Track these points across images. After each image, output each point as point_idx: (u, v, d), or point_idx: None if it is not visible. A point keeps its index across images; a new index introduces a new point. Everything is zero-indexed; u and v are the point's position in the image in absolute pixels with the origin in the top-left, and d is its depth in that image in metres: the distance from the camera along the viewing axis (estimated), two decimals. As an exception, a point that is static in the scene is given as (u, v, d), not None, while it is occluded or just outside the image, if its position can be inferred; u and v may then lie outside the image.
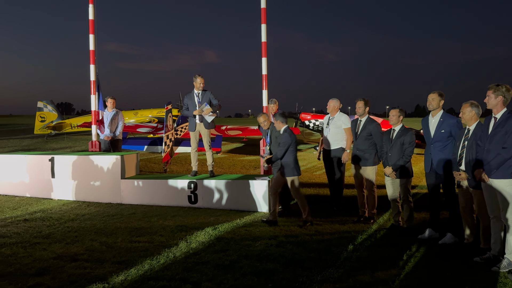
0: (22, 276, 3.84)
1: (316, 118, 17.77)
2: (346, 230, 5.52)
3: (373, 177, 5.97)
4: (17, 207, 6.79)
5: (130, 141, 13.13)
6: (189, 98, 7.26)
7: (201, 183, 6.89)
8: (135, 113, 23.00)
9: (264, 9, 7.85)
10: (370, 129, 5.93)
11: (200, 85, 7.12)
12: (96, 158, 7.38)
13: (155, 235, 5.20)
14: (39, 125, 20.83)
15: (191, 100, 7.21)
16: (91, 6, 8.71)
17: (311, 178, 9.94)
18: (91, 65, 8.80)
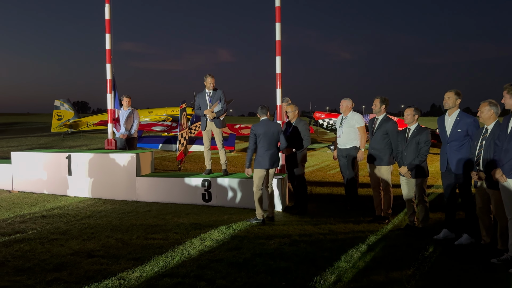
0: (40, 271, 3.93)
1: (330, 117, 17.68)
2: (360, 230, 5.49)
3: (388, 177, 5.92)
4: (35, 204, 6.93)
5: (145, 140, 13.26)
6: (200, 97, 7.31)
7: (215, 182, 6.93)
8: (150, 111, 23.22)
9: (278, 7, 7.83)
10: (387, 128, 5.87)
11: (210, 84, 7.17)
12: (112, 156, 7.48)
13: (170, 233, 5.25)
14: (56, 123, 21.17)
15: (203, 99, 7.26)
16: (107, 5, 8.80)
17: (325, 177, 9.91)
18: (107, 64, 8.90)
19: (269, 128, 5.94)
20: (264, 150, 5.91)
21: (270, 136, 5.91)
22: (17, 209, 6.50)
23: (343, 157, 6.63)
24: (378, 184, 6.02)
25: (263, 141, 5.91)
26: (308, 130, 6.58)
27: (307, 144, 6.51)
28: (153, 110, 23.58)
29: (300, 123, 6.55)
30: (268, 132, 5.91)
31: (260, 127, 5.93)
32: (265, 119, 6.05)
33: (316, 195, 7.70)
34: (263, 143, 5.91)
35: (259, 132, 5.91)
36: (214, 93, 7.23)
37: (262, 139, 5.91)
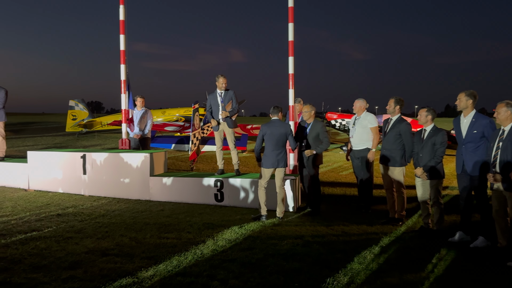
0: (56, 269, 3.98)
1: (343, 118, 17.60)
2: (374, 232, 5.45)
3: (401, 178, 5.86)
4: (51, 202, 7.03)
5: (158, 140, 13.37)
6: (212, 98, 7.34)
7: (227, 182, 6.95)
8: (163, 112, 23.39)
9: (291, 8, 7.83)
10: (400, 129, 5.81)
11: (222, 85, 7.20)
12: (126, 156, 7.56)
13: (183, 232, 5.28)
14: (70, 123, 21.46)
15: (214, 99, 7.29)
16: (122, 7, 8.89)
17: (338, 178, 9.86)
18: (122, 65, 8.99)
19: (277, 128, 6.02)
20: (270, 150, 6.02)
21: (277, 137, 5.99)
22: (33, 208, 6.60)
23: (356, 158, 6.59)
24: (391, 185, 5.97)
25: (270, 141, 6.02)
26: (326, 132, 6.53)
27: (327, 146, 6.46)
28: (166, 110, 23.75)
29: (318, 125, 6.50)
30: (275, 133, 5.99)
31: (268, 127, 6.05)
32: (275, 119, 6.13)
33: (328, 196, 7.68)
34: (269, 143, 6.03)
35: (266, 132, 6.03)
36: (226, 93, 7.25)
37: (268, 139, 6.02)
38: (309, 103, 6.69)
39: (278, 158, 6.02)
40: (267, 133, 6.03)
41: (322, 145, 6.39)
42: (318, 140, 6.40)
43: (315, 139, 6.41)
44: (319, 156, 6.56)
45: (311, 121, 6.55)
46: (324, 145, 6.41)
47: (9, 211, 6.31)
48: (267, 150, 6.04)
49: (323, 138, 6.40)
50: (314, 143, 6.40)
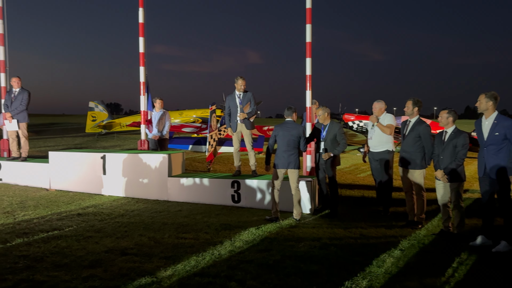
0: (76, 268, 4.06)
1: (360, 119, 17.43)
2: (393, 235, 5.38)
3: (422, 181, 5.78)
4: (71, 202, 7.17)
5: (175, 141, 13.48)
6: (230, 100, 7.38)
7: (244, 183, 6.96)
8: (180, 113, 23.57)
9: (309, 9, 7.81)
10: (419, 131, 5.72)
11: (241, 86, 7.23)
12: (144, 157, 7.65)
13: (200, 232, 5.31)
14: (90, 124, 21.81)
15: (233, 101, 7.32)
16: (141, 9, 9.01)
17: (355, 181, 9.77)
18: (141, 67, 9.10)
19: (289, 130, 6.07)
20: (282, 151, 6.06)
21: (288, 138, 6.03)
22: (54, 207, 6.74)
23: (374, 160, 6.52)
24: (411, 188, 5.89)
25: (281, 142, 6.07)
26: (343, 133, 6.47)
27: (344, 148, 6.40)
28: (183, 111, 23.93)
29: (335, 126, 6.44)
30: (287, 134, 6.04)
31: (280, 128, 6.11)
32: (289, 120, 6.19)
33: (346, 198, 7.61)
34: (281, 144, 6.08)
35: (278, 133, 6.08)
36: (244, 95, 7.28)
37: (280, 140, 6.07)
38: (322, 106, 6.65)
39: (289, 160, 6.04)
40: (279, 134, 6.08)
41: (339, 146, 6.34)
42: (336, 141, 6.36)
43: (333, 140, 6.36)
44: (337, 157, 6.51)
45: (327, 122, 6.51)
46: (341, 146, 6.36)
47: (31, 210, 6.46)
48: (279, 150, 6.08)
49: (340, 140, 6.35)
50: (332, 145, 6.36)
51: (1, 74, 9.62)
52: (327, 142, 6.38)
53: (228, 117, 7.44)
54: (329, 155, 6.33)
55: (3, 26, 9.59)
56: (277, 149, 6.13)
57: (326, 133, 6.43)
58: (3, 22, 9.59)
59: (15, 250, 4.54)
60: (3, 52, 9.58)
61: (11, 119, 8.81)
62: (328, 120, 6.52)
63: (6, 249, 4.56)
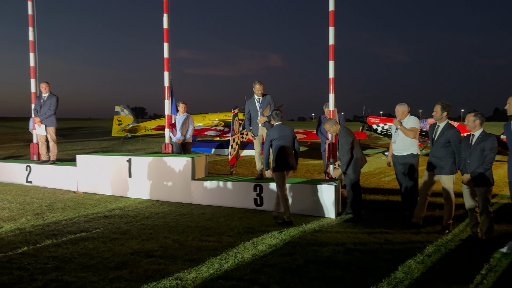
0: (103, 269, 4.15)
1: (385, 122, 17.17)
2: (418, 240, 5.27)
3: (451, 186, 5.64)
4: (98, 204, 7.33)
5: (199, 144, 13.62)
6: (250, 104, 7.44)
7: (267, 186, 6.97)
8: (203, 117, 23.77)
9: (332, 11, 7.77)
10: (449, 136, 5.59)
11: (259, 91, 7.29)
12: (168, 160, 7.76)
13: (224, 236, 5.35)
14: (116, 128, 22.23)
15: (253, 105, 7.39)
16: (165, 15, 9.17)
17: (380, 185, 9.63)
18: (165, 72, 9.25)
19: (283, 131, 6.17)
20: (283, 154, 6.12)
21: (285, 139, 6.14)
22: (82, 209, 6.91)
23: (399, 164, 6.41)
24: (427, 191, 5.84)
25: (279, 145, 6.13)
26: (344, 143, 6.31)
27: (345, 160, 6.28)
28: (206, 115, 24.12)
29: (340, 134, 6.43)
30: (283, 136, 6.14)
31: (275, 132, 6.17)
32: (279, 123, 6.29)
33: (370, 203, 7.51)
34: (281, 147, 6.14)
35: (274, 137, 6.14)
36: (264, 99, 7.34)
37: (278, 143, 6.14)
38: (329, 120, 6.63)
39: (291, 161, 6.15)
40: (276, 137, 6.12)
41: (341, 160, 6.33)
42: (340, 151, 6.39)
43: (341, 149, 6.38)
44: (356, 159, 6.42)
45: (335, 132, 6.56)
46: (342, 159, 6.32)
47: (60, 212, 6.64)
48: (280, 153, 6.10)
49: (341, 149, 6.34)
50: (340, 154, 6.38)
51: (31, 80, 9.95)
52: (339, 151, 6.40)
53: (248, 122, 7.48)
54: (339, 172, 6.48)
55: (33, 33, 9.92)
56: (277, 152, 6.12)
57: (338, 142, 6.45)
58: (33, 30, 9.93)
59: (45, 251, 4.68)
60: (33, 58, 9.91)
61: (40, 123, 9.09)
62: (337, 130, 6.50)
63: (36, 250, 4.70)
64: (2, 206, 7.04)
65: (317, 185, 6.63)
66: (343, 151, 6.29)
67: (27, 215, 6.40)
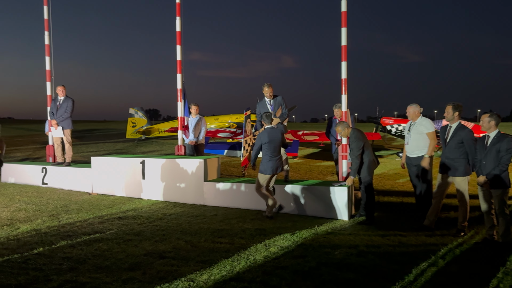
0: (117, 270, 4.19)
1: (399, 123, 17.01)
2: (433, 243, 5.20)
3: (465, 188, 5.56)
4: (112, 206, 7.41)
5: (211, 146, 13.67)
6: (261, 106, 7.46)
7: (278, 188, 6.95)
8: (216, 118, 23.88)
9: (344, 12, 7.73)
10: (462, 136, 5.51)
11: (268, 94, 7.31)
12: (181, 162, 7.81)
13: (236, 237, 5.35)
14: (130, 130, 22.48)
15: (264, 107, 7.41)
16: (178, 18, 9.23)
17: (394, 186, 9.53)
18: (178, 74, 9.31)
19: (273, 135, 6.42)
20: (269, 158, 6.43)
21: (274, 143, 6.42)
22: (96, 211, 7.00)
23: (413, 166, 6.34)
24: (442, 194, 5.76)
25: (268, 148, 6.41)
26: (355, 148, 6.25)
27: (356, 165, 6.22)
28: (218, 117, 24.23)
29: (351, 138, 6.39)
30: (272, 140, 6.41)
31: (265, 136, 6.41)
32: (269, 127, 6.53)
33: (384, 205, 7.44)
34: (267, 151, 6.42)
35: (264, 141, 6.41)
36: (274, 100, 7.34)
37: (267, 147, 6.41)
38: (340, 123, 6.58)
39: (277, 164, 6.45)
40: (266, 142, 6.39)
41: (352, 165, 6.29)
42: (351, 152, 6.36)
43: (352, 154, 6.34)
44: (369, 161, 6.37)
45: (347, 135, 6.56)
46: (353, 164, 6.27)
47: (74, 214, 6.73)
48: (266, 157, 6.43)
49: (351, 149, 6.29)
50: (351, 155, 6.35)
51: (47, 83, 10.11)
52: (351, 153, 6.37)
53: (260, 123, 7.48)
54: (351, 181, 6.44)
55: (49, 37, 10.09)
56: (263, 155, 6.46)
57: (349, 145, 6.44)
58: (49, 34, 10.10)
59: (60, 252, 4.75)
60: (49, 62, 10.08)
61: (57, 126, 9.23)
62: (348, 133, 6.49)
63: (52, 251, 4.78)
64: (19, 207, 7.17)
65: (329, 187, 6.59)
66: (353, 156, 6.26)
67: (42, 216, 6.50)
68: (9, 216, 6.54)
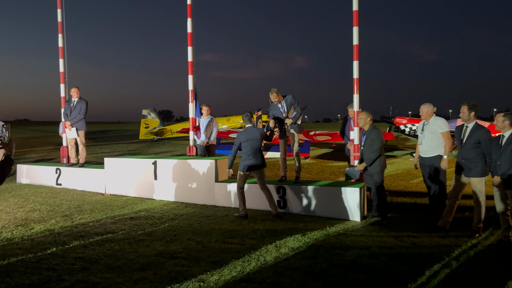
0: (128, 270, 4.21)
1: (413, 123, 16.82)
2: (447, 244, 5.12)
3: (482, 189, 5.45)
4: (124, 206, 7.47)
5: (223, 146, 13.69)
6: (274, 109, 7.44)
7: (290, 189, 6.92)
8: (228, 119, 23.93)
9: (356, 11, 7.67)
10: (479, 136, 5.39)
11: (276, 100, 7.29)
12: (193, 162, 7.83)
13: (246, 238, 5.34)
14: (143, 131, 22.68)
15: (276, 110, 7.37)
16: (189, 20, 9.27)
17: (407, 187, 9.42)
18: (189, 75, 9.35)
19: (252, 135, 6.57)
20: (246, 156, 6.58)
21: (253, 142, 6.54)
22: (109, 211, 7.06)
23: (426, 166, 6.25)
24: (458, 196, 5.66)
25: (246, 147, 6.56)
26: (378, 139, 6.21)
27: (374, 156, 6.18)
28: (230, 117, 24.27)
29: (372, 132, 6.30)
30: (251, 139, 6.54)
31: (244, 135, 6.59)
32: (249, 126, 6.71)
33: (397, 205, 7.35)
34: (246, 149, 6.57)
35: (243, 139, 6.58)
36: (285, 100, 7.30)
37: (245, 145, 6.56)
38: (366, 110, 6.47)
39: (257, 162, 6.56)
40: (244, 140, 6.55)
41: (371, 155, 6.20)
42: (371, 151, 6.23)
43: (367, 148, 6.23)
44: (382, 160, 6.29)
45: (367, 128, 6.34)
46: (372, 155, 6.20)
47: (87, 214, 6.80)
48: (244, 156, 6.60)
49: (372, 147, 6.19)
50: (368, 151, 6.22)
51: (61, 85, 10.25)
52: (365, 148, 6.25)
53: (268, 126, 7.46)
54: (363, 166, 6.31)
55: (63, 39, 10.23)
56: (242, 154, 6.61)
57: (365, 139, 6.29)
58: (63, 36, 10.23)
59: (72, 252, 4.80)
60: (63, 64, 10.21)
61: (71, 127, 9.35)
62: (368, 125, 6.34)
63: (64, 251, 4.83)
64: (33, 207, 7.28)
65: (341, 188, 6.54)
66: (375, 147, 6.16)
67: (56, 217, 6.59)
68: (23, 216, 6.64)
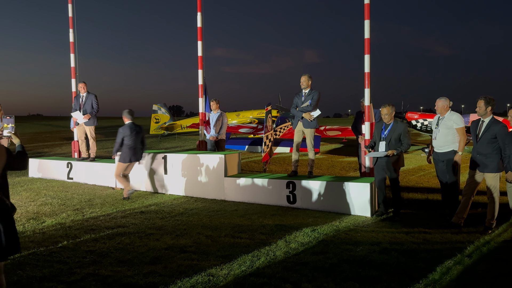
0: (138, 264, 4.23)
1: (425, 118, 16.61)
2: (459, 240, 5.04)
3: (497, 185, 5.35)
4: (135, 200, 7.51)
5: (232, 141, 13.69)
6: (298, 96, 7.46)
7: (300, 184, 6.89)
8: (238, 114, 23.92)
9: (367, 4, 7.56)
10: (495, 131, 5.28)
11: (302, 84, 7.29)
12: (202, 157, 7.83)
13: (256, 233, 5.33)
14: (154, 126, 22.77)
15: (299, 98, 7.39)
16: (199, 14, 9.24)
17: (419, 182, 9.31)
18: (199, 70, 9.33)
19: (133, 130, 7.61)
20: (127, 148, 7.59)
21: (134, 137, 7.60)
22: (119, 205, 7.10)
23: (440, 161, 6.15)
24: (473, 192, 5.56)
25: (128, 141, 7.57)
26: (408, 132, 6.18)
27: (407, 148, 6.13)
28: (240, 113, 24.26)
29: (400, 126, 6.18)
30: (132, 134, 7.58)
31: (127, 130, 7.60)
32: (130, 122, 7.69)
33: (409, 201, 7.27)
34: (127, 142, 7.57)
35: (126, 134, 7.58)
36: (309, 92, 7.32)
37: (127, 139, 7.57)
38: (388, 103, 6.36)
39: (136, 155, 7.67)
40: (127, 135, 7.55)
41: (402, 146, 6.09)
42: (399, 141, 6.11)
43: (397, 140, 6.12)
44: (401, 157, 6.22)
45: (391, 122, 6.25)
46: (405, 146, 6.10)
47: (98, 208, 6.85)
48: (125, 148, 7.58)
49: (404, 139, 6.09)
50: (396, 145, 6.12)
51: (72, 80, 10.31)
52: (391, 142, 6.14)
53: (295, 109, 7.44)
54: (393, 152, 6.07)
55: (73, 34, 10.28)
56: (124, 146, 7.60)
57: (389, 132, 6.18)
58: (73, 31, 10.28)
59: (83, 245, 4.83)
60: (74, 59, 10.27)
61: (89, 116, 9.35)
62: (392, 119, 6.27)
63: (75, 244, 4.87)
64: (45, 201, 7.35)
65: (351, 183, 6.48)
66: (408, 139, 6.13)
67: (67, 211, 6.64)
68: (35, 210, 6.71)
